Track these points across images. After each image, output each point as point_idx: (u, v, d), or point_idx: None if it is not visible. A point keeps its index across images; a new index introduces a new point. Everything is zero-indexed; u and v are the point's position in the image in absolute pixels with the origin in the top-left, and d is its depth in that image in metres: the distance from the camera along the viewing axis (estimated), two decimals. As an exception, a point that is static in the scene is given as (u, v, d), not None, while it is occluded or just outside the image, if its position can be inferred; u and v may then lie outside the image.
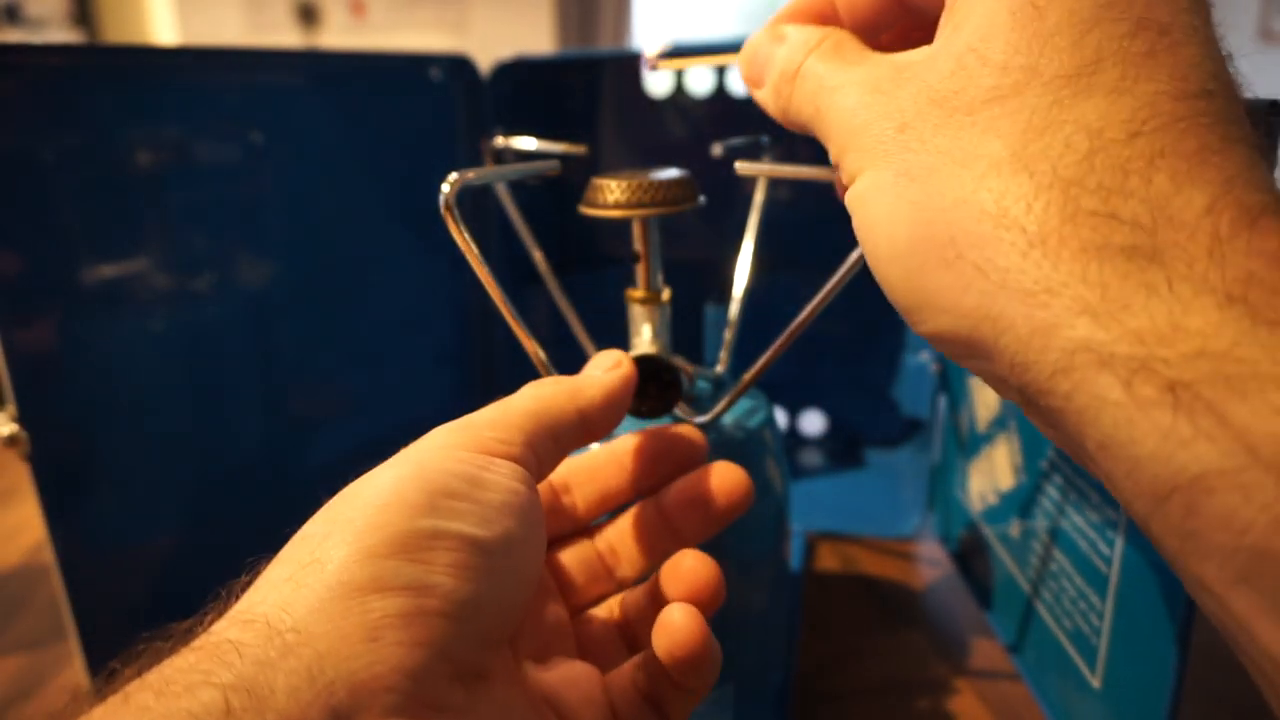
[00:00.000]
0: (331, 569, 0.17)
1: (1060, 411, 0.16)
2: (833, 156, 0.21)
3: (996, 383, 0.19)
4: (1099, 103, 0.16)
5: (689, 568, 0.25)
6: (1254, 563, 0.13)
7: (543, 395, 0.24)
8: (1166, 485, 0.14)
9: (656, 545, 0.28)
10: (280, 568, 0.18)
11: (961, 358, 0.19)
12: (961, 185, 0.17)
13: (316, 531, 0.19)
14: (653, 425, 0.31)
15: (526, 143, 0.41)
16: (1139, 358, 0.15)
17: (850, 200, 0.20)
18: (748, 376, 0.32)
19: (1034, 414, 0.18)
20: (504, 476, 0.21)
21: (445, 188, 0.28)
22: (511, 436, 0.22)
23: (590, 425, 0.25)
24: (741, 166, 0.32)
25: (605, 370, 0.26)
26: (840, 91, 0.21)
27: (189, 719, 0.15)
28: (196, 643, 0.17)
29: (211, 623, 0.18)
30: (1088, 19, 0.17)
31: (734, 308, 0.37)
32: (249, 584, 0.19)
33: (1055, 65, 0.17)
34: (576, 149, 0.38)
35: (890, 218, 0.19)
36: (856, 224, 0.20)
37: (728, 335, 0.37)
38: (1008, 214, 0.16)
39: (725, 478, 0.27)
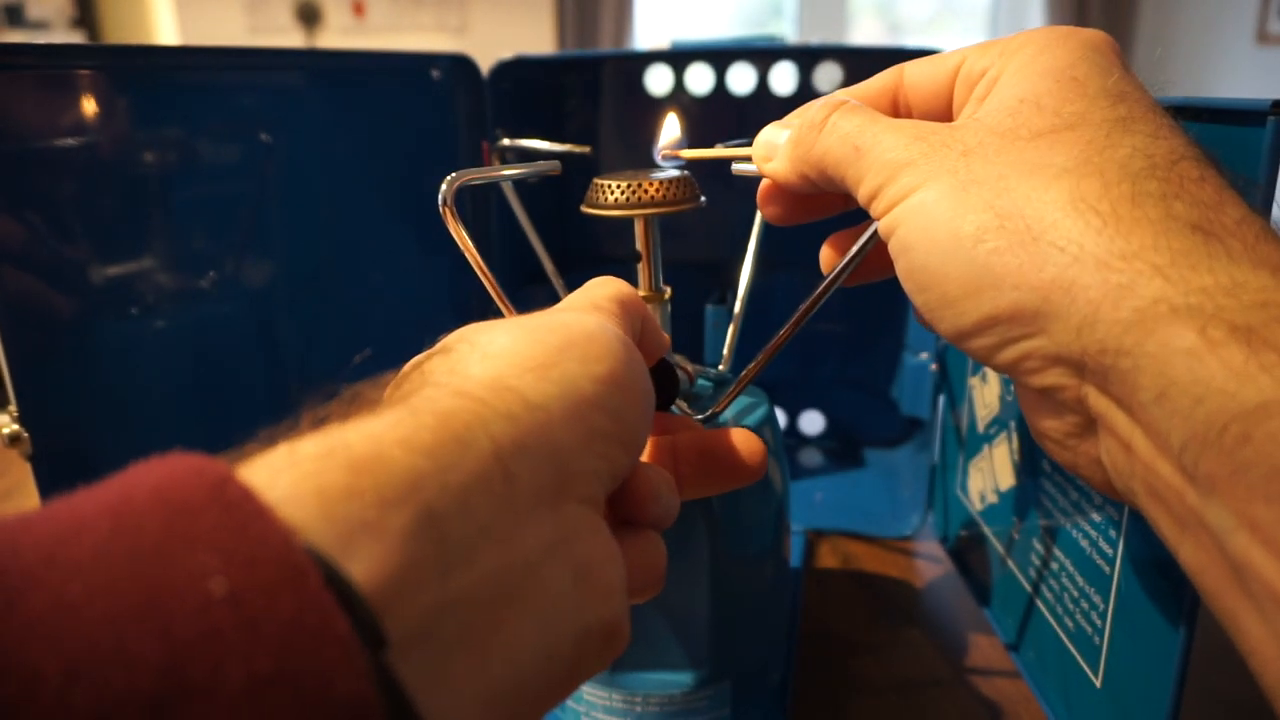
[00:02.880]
0: (571, 380, 0.21)
1: (1118, 369, 0.19)
2: (872, 185, 0.24)
3: (1040, 359, 0.21)
4: (1142, 140, 0.21)
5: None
6: None
7: (625, 290, 0.26)
8: (1226, 416, 0.16)
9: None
10: (520, 357, 0.21)
11: (1006, 341, 0.21)
12: (1034, 186, 0.21)
13: (552, 341, 0.21)
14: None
15: (532, 143, 0.41)
16: (1208, 309, 0.17)
17: (903, 212, 0.23)
18: (745, 374, 0.32)
19: (1087, 379, 0.20)
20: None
21: (444, 186, 0.28)
22: (622, 324, 0.25)
23: (642, 342, 0.27)
24: (738, 168, 0.32)
25: None
26: (882, 135, 0.25)
27: (468, 449, 0.17)
28: (455, 388, 0.19)
29: (426, 378, 0.21)
30: (1117, 94, 0.22)
31: (738, 307, 0.37)
32: (446, 353, 0.21)
33: (1102, 114, 0.22)
34: (581, 149, 0.38)
35: (958, 215, 0.22)
36: (909, 229, 0.23)
37: (730, 335, 0.37)
38: (1083, 202, 0.20)
39: (743, 443, 0.29)
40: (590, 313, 0.24)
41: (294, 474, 0.15)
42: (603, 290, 0.26)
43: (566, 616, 0.19)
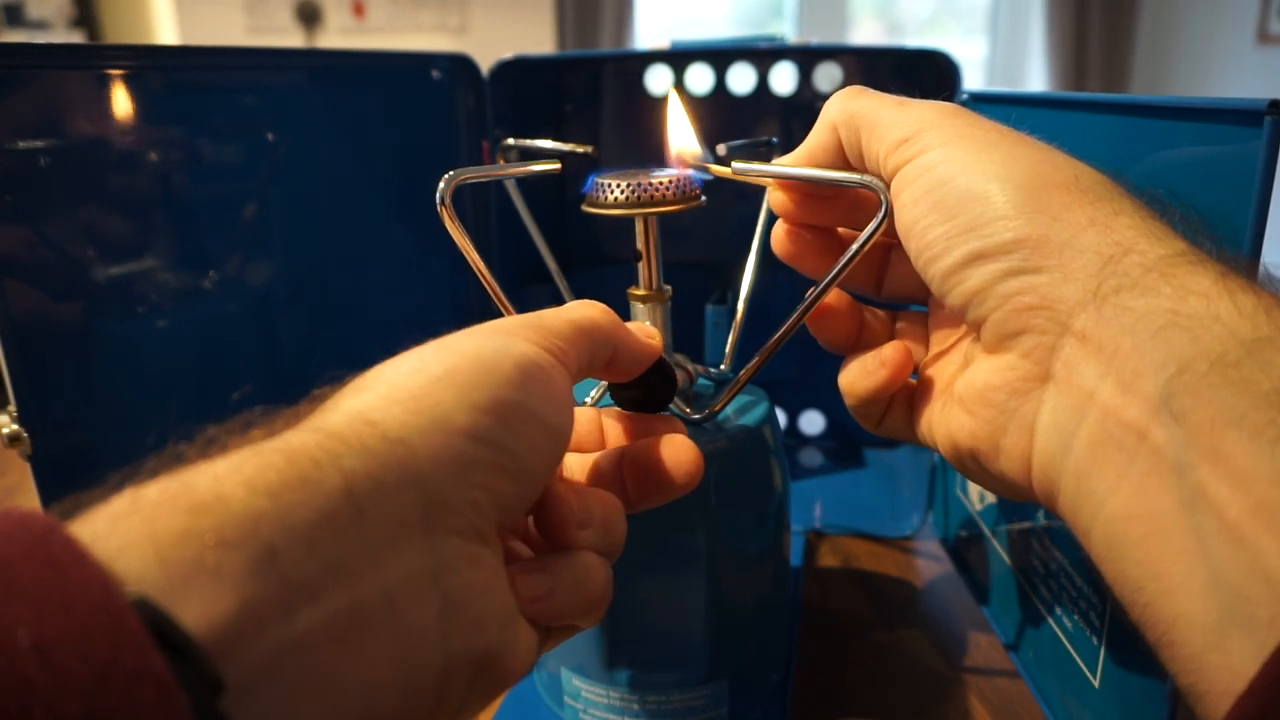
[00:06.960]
0: (441, 410, 0.20)
1: (1124, 307, 0.21)
2: (911, 128, 0.26)
3: (1035, 296, 0.23)
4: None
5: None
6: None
7: (594, 317, 0.26)
8: (1223, 345, 0.18)
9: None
10: (392, 389, 0.21)
11: (1018, 270, 0.23)
12: (1078, 165, 0.24)
13: (431, 370, 0.21)
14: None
15: (536, 143, 0.41)
16: (1223, 268, 0.20)
17: (931, 160, 0.25)
18: (744, 374, 0.32)
19: (1071, 329, 0.22)
20: (566, 381, 0.24)
21: (441, 185, 0.28)
22: (565, 349, 0.24)
23: (615, 364, 0.27)
24: (739, 167, 0.32)
25: (642, 334, 0.29)
26: (917, 104, 0.27)
27: (315, 487, 0.17)
28: (314, 423, 0.20)
29: (309, 411, 0.21)
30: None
31: (740, 306, 0.37)
32: (340, 388, 0.22)
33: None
34: (584, 149, 0.38)
35: (1009, 160, 0.24)
36: (959, 159, 0.25)
37: (732, 335, 0.37)
38: (1119, 188, 0.24)
39: (677, 450, 0.28)
40: (497, 336, 0.23)
41: (133, 520, 0.15)
42: (559, 314, 0.25)
43: (429, 649, 0.19)
